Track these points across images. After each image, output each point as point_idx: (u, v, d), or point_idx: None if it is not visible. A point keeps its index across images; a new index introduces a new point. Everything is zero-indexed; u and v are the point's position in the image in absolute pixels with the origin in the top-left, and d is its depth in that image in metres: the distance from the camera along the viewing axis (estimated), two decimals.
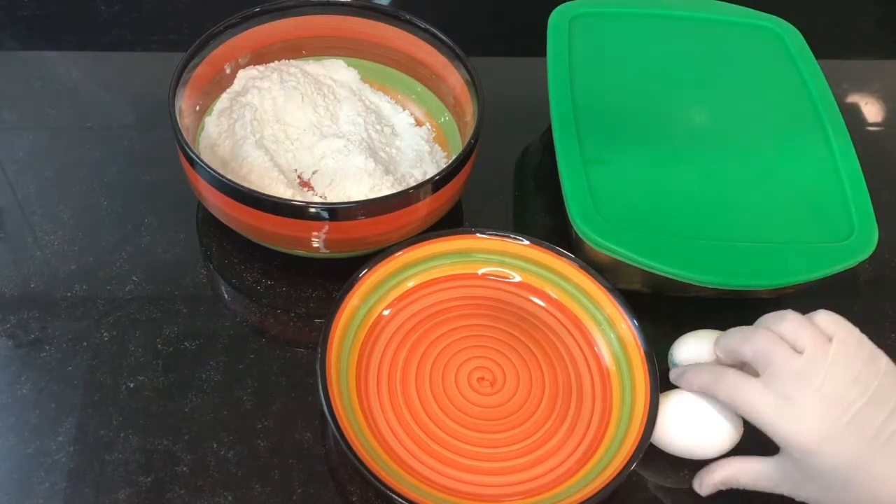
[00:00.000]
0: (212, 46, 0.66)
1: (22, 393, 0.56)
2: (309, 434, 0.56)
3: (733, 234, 0.61)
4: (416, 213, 0.60)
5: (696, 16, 0.77)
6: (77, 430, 0.55)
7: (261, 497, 0.53)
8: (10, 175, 0.68)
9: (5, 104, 0.74)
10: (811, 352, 0.48)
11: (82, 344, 0.59)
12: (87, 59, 0.80)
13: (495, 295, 0.62)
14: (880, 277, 0.69)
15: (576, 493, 0.51)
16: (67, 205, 0.67)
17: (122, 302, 0.61)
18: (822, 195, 0.64)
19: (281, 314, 0.62)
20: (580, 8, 0.75)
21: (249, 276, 0.64)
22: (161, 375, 0.58)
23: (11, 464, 0.53)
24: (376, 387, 0.57)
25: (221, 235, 0.65)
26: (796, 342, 0.49)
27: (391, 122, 0.71)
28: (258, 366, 0.59)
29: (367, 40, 0.72)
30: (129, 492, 0.52)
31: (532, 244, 0.61)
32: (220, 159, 0.64)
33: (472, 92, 0.65)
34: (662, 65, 0.73)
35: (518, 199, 0.72)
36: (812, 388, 0.47)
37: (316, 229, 0.58)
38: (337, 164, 0.65)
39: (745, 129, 0.68)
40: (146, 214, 0.66)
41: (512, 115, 0.76)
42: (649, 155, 0.65)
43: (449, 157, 0.68)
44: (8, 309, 0.60)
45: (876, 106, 0.84)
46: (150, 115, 0.73)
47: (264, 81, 0.68)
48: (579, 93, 0.68)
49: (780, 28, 0.76)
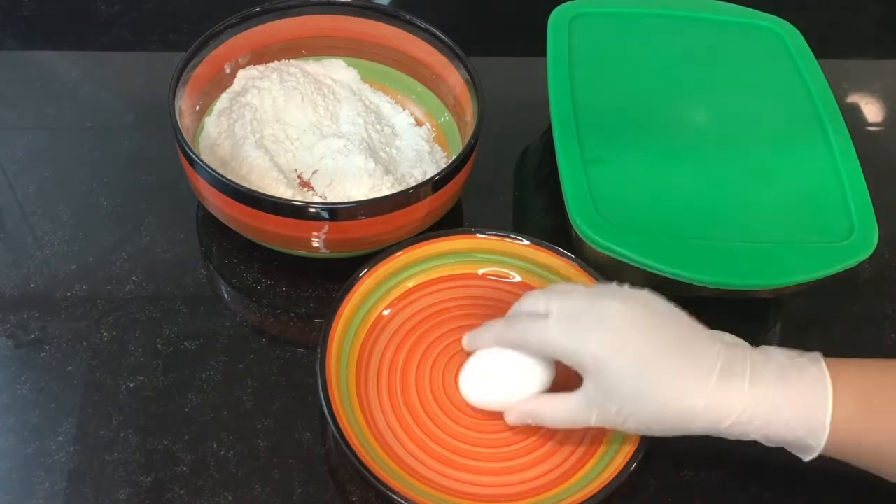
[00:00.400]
0: (212, 46, 0.66)
1: (22, 393, 0.56)
2: (309, 434, 0.56)
3: (733, 234, 0.61)
4: (416, 213, 0.60)
5: (696, 16, 0.76)
6: (77, 430, 0.55)
7: (261, 497, 0.53)
8: (10, 175, 0.68)
9: (5, 104, 0.74)
10: (578, 287, 0.52)
11: (82, 344, 0.59)
12: (87, 59, 0.80)
13: (495, 295, 0.62)
14: (880, 277, 0.69)
15: (576, 493, 0.51)
16: (67, 205, 0.67)
17: (122, 302, 0.61)
18: (822, 195, 0.64)
19: (281, 314, 0.62)
20: (580, 8, 0.75)
21: (249, 276, 0.64)
22: (161, 375, 0.58)
23: (11, 464, 0.53)
24: (376, 387, 0.57)
25: (221, 235, 0.65)
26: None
27: (391, 122, 0.71)
28: (258, 366, 0.59)
29: (367, 40, 0.72)
30: (129, 492, 0.52)
31: (532, 244, 0.61)
32: (220, 159, 0.64)
33: (472, 92, 0.65)
34: (662, 65, 0.73)
35: (518, 199, 0.72)
36: (596, 308, 0.49)
37: (316, 229, 0.58)
38: (337, 164, 0.65)
39: (745, 129, 0.68)
40: (146, 214, 0.66)
41: (512, 115, 0.76)
42: (649, 155, 0.65)
43: (449, 157, 0.68)
44: (8, 309, 0.60)
45: (876, 106, 0.84)
46: (150, 115, 0.73)
47: (264, 81, 0.68)
48: (579, 93, 0.68)
49: (780, 28, 0.76)
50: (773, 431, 0.47)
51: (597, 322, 0.48)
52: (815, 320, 0.66)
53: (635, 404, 0.48)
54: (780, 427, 0.47)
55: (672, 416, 0.47)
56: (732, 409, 0.46)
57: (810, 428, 0.46)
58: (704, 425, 0.47)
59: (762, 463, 0.57)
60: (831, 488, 0.56)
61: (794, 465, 0.57)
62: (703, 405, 0.47)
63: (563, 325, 0.49)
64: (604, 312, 0.49)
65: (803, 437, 0.47)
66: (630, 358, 0.47)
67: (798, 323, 0.65)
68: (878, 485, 0.57)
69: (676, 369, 0.47)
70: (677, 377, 0.47)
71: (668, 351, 0.47)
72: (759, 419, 0.46)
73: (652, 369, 0.47)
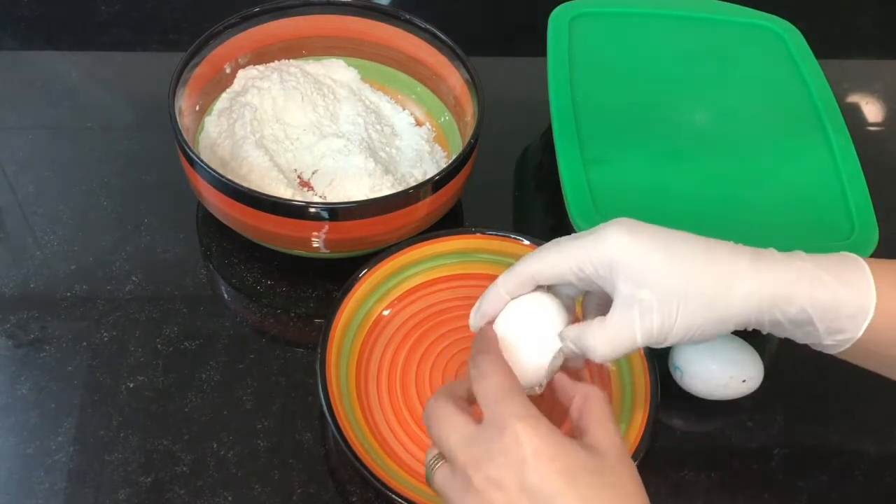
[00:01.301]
0: (212, 46, 0.66)
1: (22, 393, 0.56)
2: (309, 434, 0.56)
3: (733, 234, 0.61)
4: (416, 213, 0.60)
5: (696, 16, 0.77)
6: (77, 430, 0.55)
7: (261, 497, 0.53)
8: (10, 175, 0.68)
9: (5, 104, 0.74)
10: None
11: (82, 344, 0.59)
12: (87, 59, 0.80)
13: None
14: None
15: None
16: (67, 205, 0.67)
17: (122, 302, 0.61)
18: (822, 195, 0.64)
19: (281, 314, 0.62)
20: (580, 8, 0.75)
21: (249, 276, 0.64)
22: (161, 375, 0.58)
23: (11, 464, 0.53)
24: (376, 387, 0.57)
25: (221, 235, 0.65)
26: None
27: (391, 122, 0.71)
28: (258, 366, 0.59)
29: (367, 40, 0.72)
30: (129, 492, 0.52)
31: (532, 244, 0.61)
32: (220, 159, 0.64)
33: (472, 92, 0.65)
34: (663, 65, 0.73)
35: (518, 199, 0.72)
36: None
37: (316, 229, 0.58)
38: (337, 164, 0.65)
39: (745, 129, 0.68)
40: (146, 214, 0.66)
41: (512, 115, 0.76)
42: (649, 155, 0.65)
43: (449, 157, 0.68)
44: (8, 309, 0.60)
45: (876, 106, 0.84)
46: (150, 115, 0.73)
47: (264, 81, 0.68)
48: (579, 93, 0.68)
49: (780, 28, 0.76)
50: (819, 307, 0.44)
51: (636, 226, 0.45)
52: None
53: (679, 302, 0.44)
54: (826, 298, 0.44)
55: (717, 303, 0.44)
56: (777, 283, 0.44)
57: (860, 305, 0.43)
58: (751, 305, 0.44)
59: (762, 463, 0.57)
60: (831, 488, 0.57)
61: (795, 466, 0.58)
62: (747, 280, 0.44)
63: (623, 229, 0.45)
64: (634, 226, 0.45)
65: (845, 317, 0.44)
66: (667, 253, 0.44)
67: None
68: (878, 485, 0.57)
69: (716, 258, 0.44)
70: (720, 264, 0.44)
71: (707, 246, 0.45)
72: (803, 295, 0.44)
73: (692, 263, 0.44)
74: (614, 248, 0.45)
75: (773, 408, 0.60)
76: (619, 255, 0.45)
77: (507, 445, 0.40)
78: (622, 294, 0.45)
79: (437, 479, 0.43)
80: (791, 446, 0.58)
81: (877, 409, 0.61)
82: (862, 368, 0.48)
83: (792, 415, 0.60)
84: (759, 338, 0.61)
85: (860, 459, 0.58)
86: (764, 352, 0.58)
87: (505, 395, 0.42)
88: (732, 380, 0.56)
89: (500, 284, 0.48)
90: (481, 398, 0.42)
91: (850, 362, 0.47)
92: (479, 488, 0.40)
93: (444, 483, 0.42)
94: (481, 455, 0.40)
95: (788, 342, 0.47)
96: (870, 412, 0.61)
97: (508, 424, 0.40)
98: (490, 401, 0.42)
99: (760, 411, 0.59)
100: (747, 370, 0.56)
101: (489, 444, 0.40)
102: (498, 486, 0.39)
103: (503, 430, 0.40)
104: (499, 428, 0.40)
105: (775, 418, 0.59)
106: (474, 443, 0.41)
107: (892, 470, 0.58)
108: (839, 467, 0.58)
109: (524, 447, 0.39)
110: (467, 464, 0.40)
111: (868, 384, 0.63)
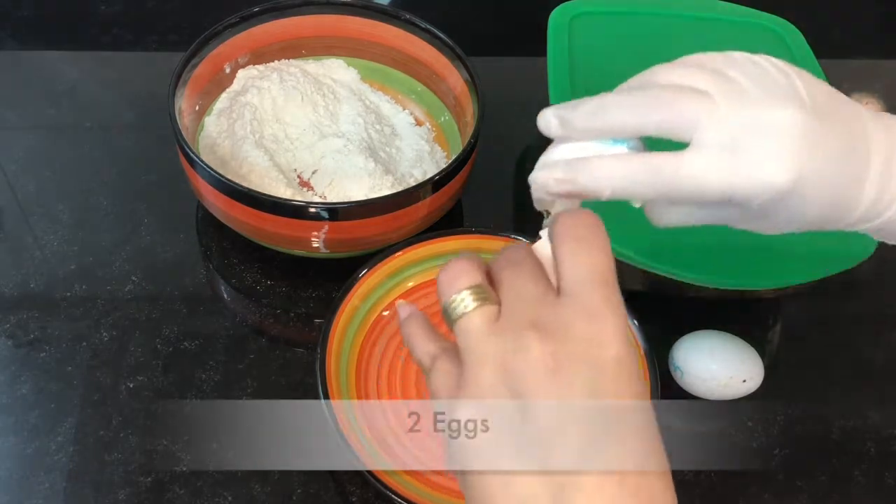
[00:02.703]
0: (212, 46, 0.66)
1: (22, 393, 0.56)
2: None
3: (733, 235, 0.61)
4: (416, 213, 0.60)
5: (696, 15, 0.76)
6: (77, 430, 0.55)
7: (261, 497, 0.53)
8: (10, 175, 0.68)
9: (5, 104, 0.74)
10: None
11: (82, 344, 0.59)
12: (87, 59, 0.80)
13: None
14: (880, 277, 0.69)
15: None
16: (67, 205, 0.67)
17: (122, 302, 0.61)
18: None
19: (281, 314, 0.62)
20: (580, 8, 0.75)
21: (249, 276, 0.64)
22: (161, 375, 0.58)
23: (11, 464, 0.53)
24: (376, 387, 0.57)
25: (221, 235, 0.65)
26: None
27: (391, 121, 0.71)
28: (258, 366, 0.59)
29: (367, 40, 0.72)
30: (129, 492, 0.52)
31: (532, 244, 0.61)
32: (220, 159, 0.64)
33: (472, 92, 0.65)
34: None
35: (518, 199, 0.72)
36: (758, 123, 0.37)
37: (316, 229, 0.58)
38: (337, 163, 0.65)
39: None
40: (146, 214, 0.66)
41: (512, 115, 0.76)
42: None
43: (449, 157, 0.68)
44: (8, 309, 0.60)
45: (876, 106, 0.84)
46: (150, 115, 0.73)
47: (264, 81, 0.68)
48: (579, 93, 0.68)
49: (780, 28, 0.76)
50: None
51: (764, 147, 0.38)
52: (815, 320, 0.66)
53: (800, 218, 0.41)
54: None
55: (833, 216, 0.42)
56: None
57: None
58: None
59: (763, 463, 0.57)
60: (831, 489, 0.57)
61: (795, 466, 0.58)
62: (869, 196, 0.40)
63: (716, 156, 0.39)
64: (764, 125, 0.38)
65: None
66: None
67: (798, 323, 0.65)
68: (878, 485, 0.57)
69: (849, 177, 0.39)
70: (848, 188, 0.40)
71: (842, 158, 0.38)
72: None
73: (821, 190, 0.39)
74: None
75: (773, 408, 0.60)
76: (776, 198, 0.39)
77: (590, 334, 0.32)
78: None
79: (475, 320, 0.34)
80: (791, 446, 0.58)
81: (877, 409, 0.61)
82: (861, 368, 0.48)
83: (792, 415, 0.60)
84: (760, 338, 0.61)
85: (860, 459, 0.58)
86: (764, 352, 0.58)
87: (604, 281, 0.34)
88: (732, 380, 0.56)
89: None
90: (571, 274, 0.34)
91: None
92: (537, 367, 0.32)
93: (482, 328, 0.33)
94: (558, 329, 0.32)
95: (788, 342, 0.47)
96: (870, 412, 0.61)
97: (600, 314, 0.32)
98: (582, 279, 0.34)
99: (760, 411, 0.59)
100: (747, 370, 0.56)
101: (572, 320, 0.33)
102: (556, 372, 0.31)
103: (593, 317, 0.33)
104: (588, 313, 0.33)
105: (775, 418, 0.59)
106: (553, 313, 0.33)
107: (892, 470, 0.58)
108: (839, 467, 0.58)
109: (607, 349, 0.32)
110: (535, 326, 0.32)
111: (868, 384, 0.63)
